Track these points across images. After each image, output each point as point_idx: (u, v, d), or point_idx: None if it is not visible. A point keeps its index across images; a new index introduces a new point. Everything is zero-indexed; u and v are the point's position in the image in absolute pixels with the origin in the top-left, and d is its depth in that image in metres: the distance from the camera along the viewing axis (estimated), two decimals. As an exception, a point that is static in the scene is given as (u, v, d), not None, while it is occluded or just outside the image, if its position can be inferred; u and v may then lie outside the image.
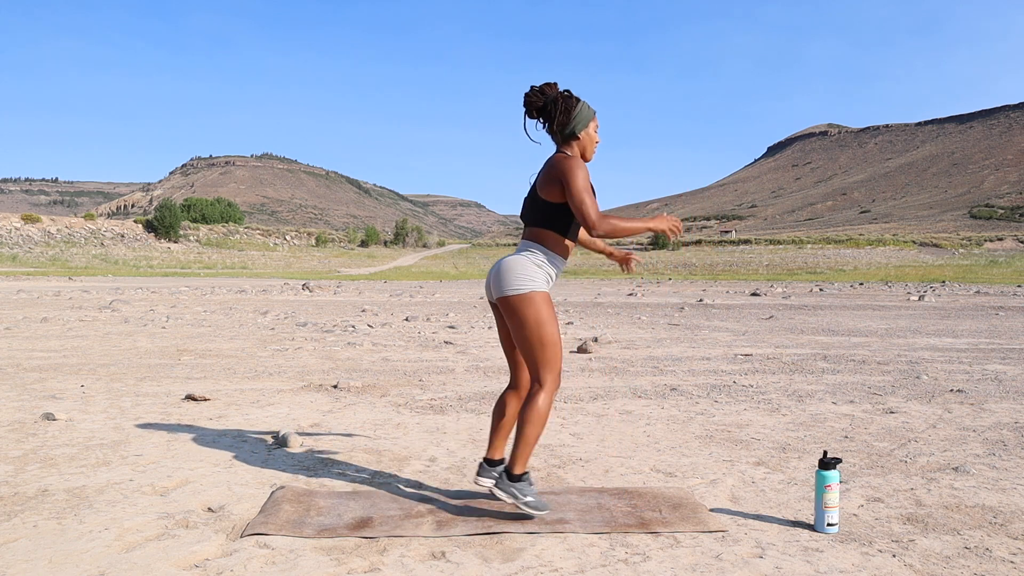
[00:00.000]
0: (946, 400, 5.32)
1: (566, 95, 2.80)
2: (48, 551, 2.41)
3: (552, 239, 2.80)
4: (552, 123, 2.80)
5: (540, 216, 2.80)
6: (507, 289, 2.75)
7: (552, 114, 2.79)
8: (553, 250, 2.81)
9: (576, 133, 2.81)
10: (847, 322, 13.11)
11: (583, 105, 2.81)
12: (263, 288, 27.89)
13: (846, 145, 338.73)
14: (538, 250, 2.80)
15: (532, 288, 2.74)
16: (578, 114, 2.79)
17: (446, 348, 8.53)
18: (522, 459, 2.77)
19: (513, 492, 2.73)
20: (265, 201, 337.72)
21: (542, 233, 2.80)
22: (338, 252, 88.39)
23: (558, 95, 2.79)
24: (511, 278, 2.75)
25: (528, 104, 2.80)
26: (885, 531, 2.67)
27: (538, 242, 2.80)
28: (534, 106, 2.80)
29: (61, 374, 6.21)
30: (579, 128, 2.81)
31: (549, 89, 2.80)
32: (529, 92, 2.80)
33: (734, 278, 58.35)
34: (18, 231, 72.67)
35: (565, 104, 2.78)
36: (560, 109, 2.78)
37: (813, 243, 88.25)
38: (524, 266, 2.76)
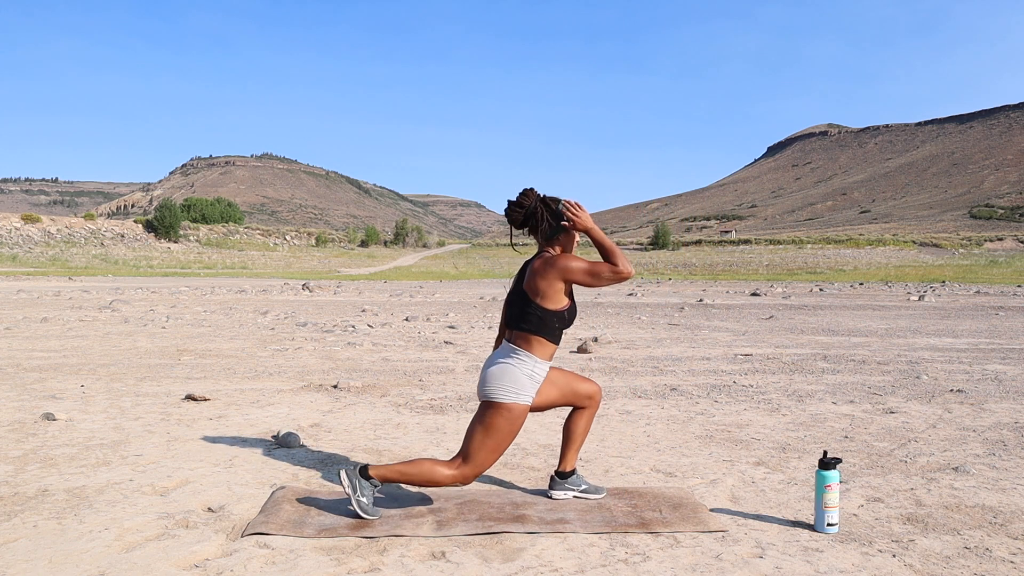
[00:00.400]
0: (946, 400, 5.32)
1: (543, 201, 2.88)
2: (48, 551, 2.41)
3: (541, 344, 2.85)
4: (536, 232, 2.90)
5: (530, 321, 2.83)
6: (491, 394, 2.81)
7: (534, 224, 2.88)
8: (541, 356, 2.86)
9: (557, 235, 2.89)
10: (847, 322, 13.11)
11: (561, 205, 2.87)
12: (263, 288, 27.89)
13: (846, 145, 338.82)
14: (527, 358, 2.83)
15: (515, 400, 2.80)
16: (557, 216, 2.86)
17: (446, 348, 8.53)
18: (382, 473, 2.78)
19: (355, 484, 2.75)
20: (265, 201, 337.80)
21: (530, 339, 2.84)
22: (338, 252, 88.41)
23: (537, 205, 2.87)
24: (499, 385, 2.81)
25: (511, 221, 2.91)
26: (885, 531, 2.67)
27: (527, 349, 2.85)
28: (516, 221, 2.90)
29: (61, 374, 6.21)
30: (561, 229, 2.88)
31: (526, 200, 2.89)
32: (508, 209, 2.91)
33: (734, 278, 58.35)
34: (18, 231, 72.68)
35: (545, 211, 2.87)
36: (540, 219, 2.86)
37: (813, 243, 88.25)
38: (514, 376, 2.81)
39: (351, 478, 2.75)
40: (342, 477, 2.76)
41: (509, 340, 2.89)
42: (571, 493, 3.01)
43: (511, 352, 2.86)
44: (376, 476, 2.78)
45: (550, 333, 2.85)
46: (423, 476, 2.79)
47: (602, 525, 2.69)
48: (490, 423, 2.79)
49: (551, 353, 2.89)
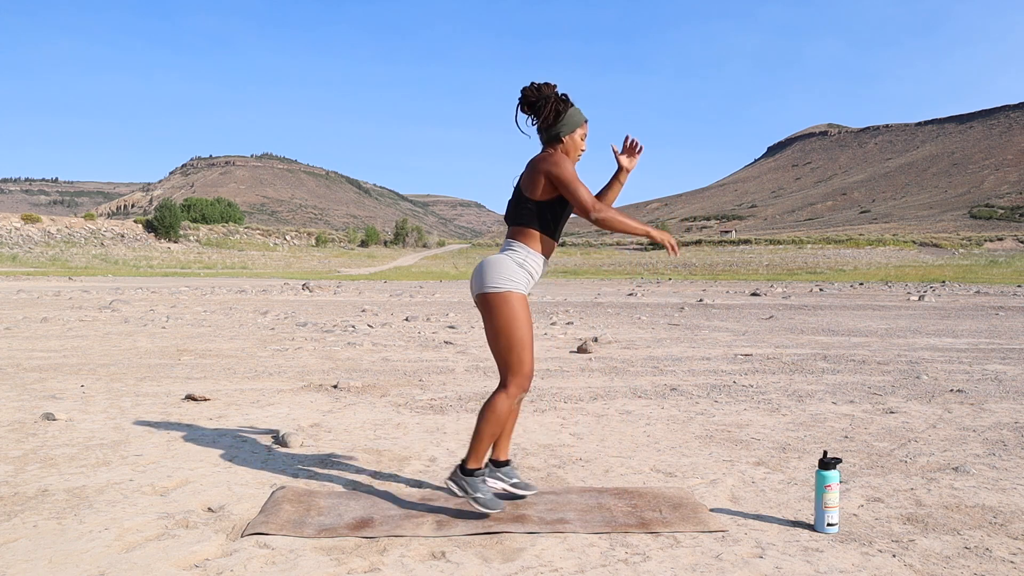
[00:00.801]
0: (946, 400, 5.32)
1: (559, 97, 2.83)
2: (48, 551, 2.41)
3: (535, 237, 2.82)
4: (540, 121, 2.83)
5: (523, 214, 2.81)
6: (485, 286, 2.77)
7: (540, 113, 2.82)
8: (535, 248, 2.82)
9: (561, 136, 2.84)
10: (847, 322, 13.11)
11: (574, 110, 2.84)
12: (263, 288, 27.89)
13: (846, 145, 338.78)
14: (520, 248, 2.81)
15: (509, 288, 2.75)
16: (566, 117, 2.82)
17: (446, 348, 8.53)
18: (475, 455, 2.78)
19: (464, 486, 2.75)
20: (265, 201, 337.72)
21: (525, 231, 2.82)
22: (338, 252, 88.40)
23: (553, 95, 2.82)
24: (490, 276, 2.77)
25: (523, 99, 2.83)
26: (885, 531, 2.67)
27: (521, 240, 2.82)
28: (527, 101, 2.83)
29: (61, 374, 6.21)
30: (564, 131, 2.83)
31: (546, 88, 2.82)
32: (527, 87, 2.84)
33: (734, 278, 58.35)
34: (18, 231, 72.67)
35: (556, 105, 2.81)
36: (549, 108, 2.80)
37: (813, 243, 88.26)
38: (505, 265, 2.78)
39: (457, 481, 2.74)
40: (451, 487, 2.74)
41: (507, 236, 2.88)
42: (501, 485, 2.94)
43: (505, 245, 2.85)
44: (473, 463, 2.75)
45: (543, 225, 2.80)
46: (494, 419, 2.74)
47: (602, 525, 2.69)
48: (498, 321, 2.74)
49: (547, 248, 2.84)
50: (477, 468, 2.78)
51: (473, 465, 2.78)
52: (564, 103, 2.82)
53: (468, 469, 2.78)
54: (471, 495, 2.74)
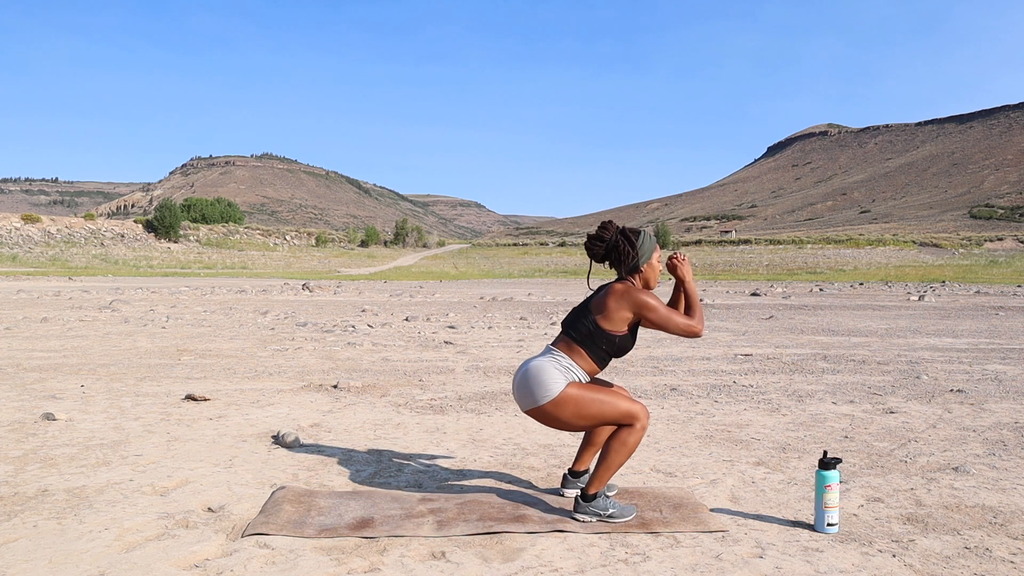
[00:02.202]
0: (946, 400, 5.32)
1: (623, 233, 2.85)
2: (48, 551, 2.41)
3: (585, 360, 2.81)
4: (619, 265, 2.86)
5: (581, 331, 2.80)
6: (539, 400, 2.75)
7: (615, 257, 2.85)
8: (581, 366, 2.81)
9: (640, 266, 2.86)
10: (847, 322, 13.11)
11: (645, 237, 2.86)
12: (263, 288, 27.89)
13: (846, 145, 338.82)
14: (562, 358, 2.80)
15: (560, 388, 2.73)
16: (641, 248, 2.84)
17: (446, 348, 8.53)
18: (599, 482, 2.77)
19: (594, 511, 2.74)
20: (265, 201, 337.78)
21: (574, 347, 2.81)
22: (338, 252, 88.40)
23: (618, 239, 2.84)
24: (540, 388, 2.74)
25: (591, 254, 2.87)
26: (885, 531, 2.67)
27: (565, 352, 2.81)
28: (597, 255, 2.87)
29: (61, 374, 6.21)
30: (643, 262, 2.85)
31: (606, 233, 2.86)
32: (588, 243, 2.87)
33: (734, 278, 58.36)
34: (18, 231, 72.68)
35: (626, 246, 2.83)
36: (622, 252, 2.83)
37: (813, 243, 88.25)
38: (548, 372, 2.76)
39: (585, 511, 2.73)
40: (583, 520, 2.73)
41: (552, 344, 2.87)
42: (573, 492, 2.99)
43: (548, 351, 2.84)
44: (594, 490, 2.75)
45: (595, 351, 2.79)
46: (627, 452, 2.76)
47: (602, 525, 2.69)
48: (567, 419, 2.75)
49: (591, 370, 2.83)
50: (598, 491, 2.77)
51: (594, 491, 2.76)
52: (631, 238, 2.84)
53: (589, 496, 2.76)
54: (605, 514, 2.73)
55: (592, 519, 2.74)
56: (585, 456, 3.05)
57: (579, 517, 2.75)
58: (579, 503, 2.77)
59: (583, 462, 3.05)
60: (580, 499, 2.78)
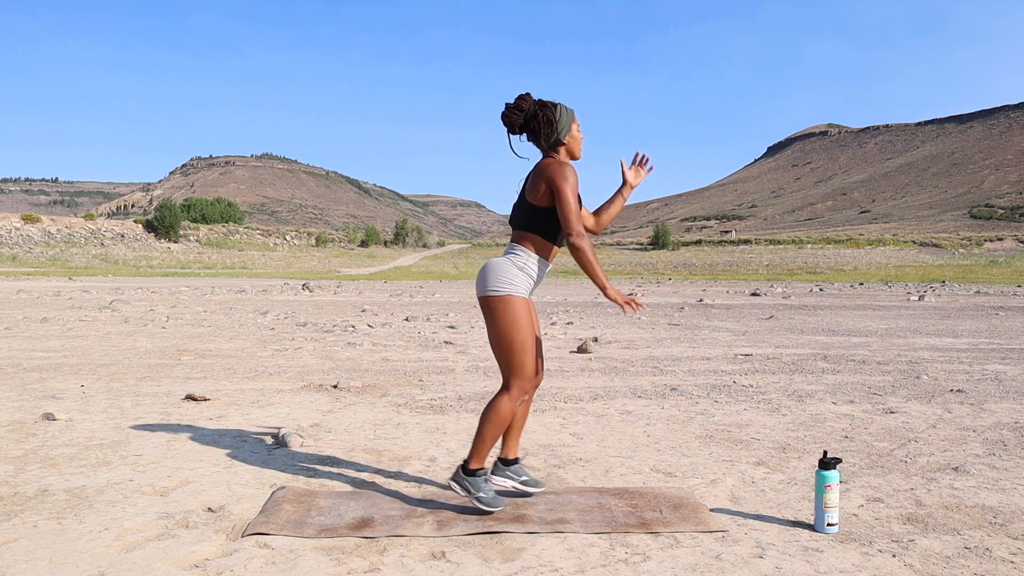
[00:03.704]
0: (946, 400, 5.32)
1: (543, 105, 2.82)
2: (48, 551, 2.41)
3: (537, 242, 2.83)
4: (537, 137, 2.84)
5: (527, 220, 2.83)
6: (487, 289, 2.79)
7: (535, 128, 2.82)
8: (538, 253, 2.83)
9: (561, 139, 2.85)
10: (847, 322, 13.11)
11: (561, 109, 2.83)
12: (263, 288, 27.89)
13: (846, 145, 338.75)
14: (521, 252, 2.82)
15: (510, 291, 2.77)
16: (559, 120, 2.82)
17: (446, 348, 8.53)
18: (477, 455, 2.80)
19: (466, 486, 2.78)
20: (265, 201, 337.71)
21: (527, 236, 2.83)
22: (338, 252, 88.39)
23: (536, 108, 2.81)
24: (492, 279, 2.79)
25: (509, 124, 2.84)
26: (885, 531, 2.67)
27: (522, 244, 2.84)
28: (515, 124, 2.84)
29: (61, 374, 6.21)
30: (563, 134, 2.84)
31: (524, 104, 2.83)
32: (506, 111, 2.83)
33: (734, 278, 58.35)
34: (18, 231, 72.67)
35: (545, 115, 2.80)
36: (542, 122, 2.80)
37: (813, 243, 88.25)
38: (506, 268, 2.80)
39: (459, 481, 2.76)
40: (453, 487, 2.76)
41: (511, 240, 2.90)
42: (510, 482, 2.96)
43: (508, 249, 2.87)
44: (475, 463, 2.77)
45: (545, 231, 2.81)
46: (496, 421, 2.76)
47: (602, 525, 2.69)
48: (499, 324, 2.76)
49: (548, 252, 2.85)
50: (479, 468, 2.80)
51: (475, 465, 2.80)
52: (549, 108, 2.81)
53: (470, 469, 2.80)
54: (474, 495, 2.76)
55: (461, 493, 2.78)
56: (511, 442, 3.01)
57: (451, 485, 2.81)
58: (459, 473, 2.81)
59: (511, 449, 3.01)
60: (462, 469, 2.81)
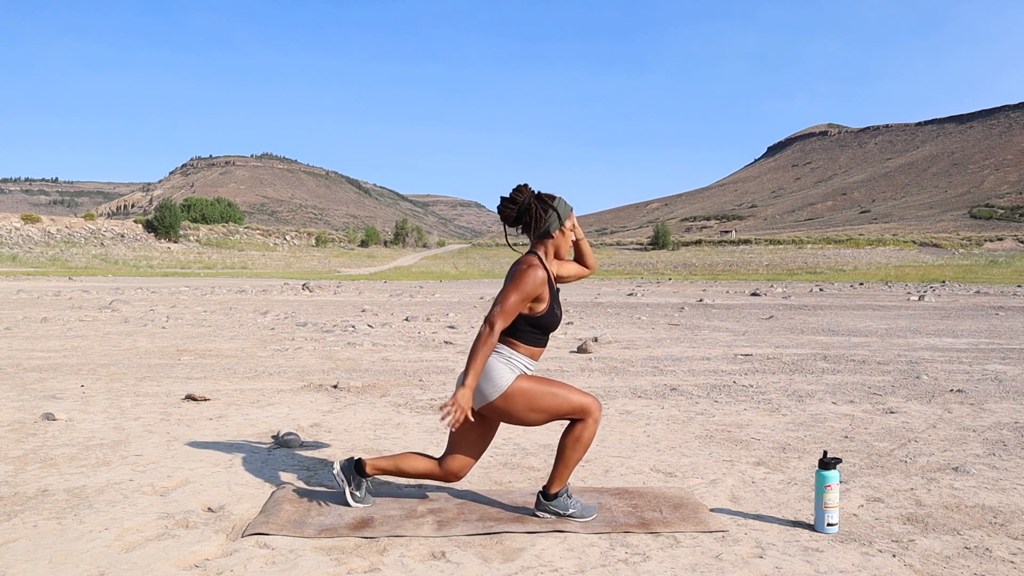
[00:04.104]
0: (946, 400, 5.32)
1: (538, 198, 2.80)
2: (48, 551, 2.41)
3: (520, 348, 2.78)
4: (528, 229, 2.82)
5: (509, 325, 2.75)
6: (488, 397, 2.72)
7: (526, 221, 2.81)
8: (523, 355, 2.78)
9: (551, 233, 2.82)
10: (847, 322, 13.11)
11: (558, 204, 2.81)
12: (263, 288, 27.89)
13: (846, 145, 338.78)
14: (504, 350, 2.76)
15: (508, 382, 2.71)
16: (551, 215, 2.79)
17: (446, 348, 8.53)
18: (559, 480, 2.77)
19: (554, 510, 2.75)
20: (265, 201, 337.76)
21: (511, 342, 2.77)
22: (338, 252, 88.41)
23: (531, 202, 2.79)
24: (488, 387, 2.71)
25: (503, 216, 2.82)
26: (885, 531, 2.67)
27: (508, 346, 2.77)
28: (509, 217, 2.82)
29: (61, 374, 6.21)
30: (553, 228, 2.81)
31: (519, 196, 2.81)
32: (501, 206, 2.83)
33: (734, 278, 58.35)
34: (18, 231, 72.68)
35: (538, 210, 2.79)
36: (534, 216, 2.79)
37: (813, 243, 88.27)
38: (496, 369, 2.71)
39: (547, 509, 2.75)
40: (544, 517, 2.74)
41: None
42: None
43: (495, 352, 2.77)
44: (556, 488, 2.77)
45: (525, 337, 2.76)
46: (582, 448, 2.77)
47: (602, 525, 2.69)
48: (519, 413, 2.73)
49: (532, 354, 2.80)
50: (560, 489, 2.77)
51: (556, 490, 2.76)
52: (545, 203, 2.79)
53: (551, 494, 2.76)
54: (564, 514, 2.74)
55: (552, 517, 2.75)
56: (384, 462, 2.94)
57: (539, 515, 2.78)
58: (540, 501, 2.78)
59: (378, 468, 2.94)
60: (542, 497, 2.78)
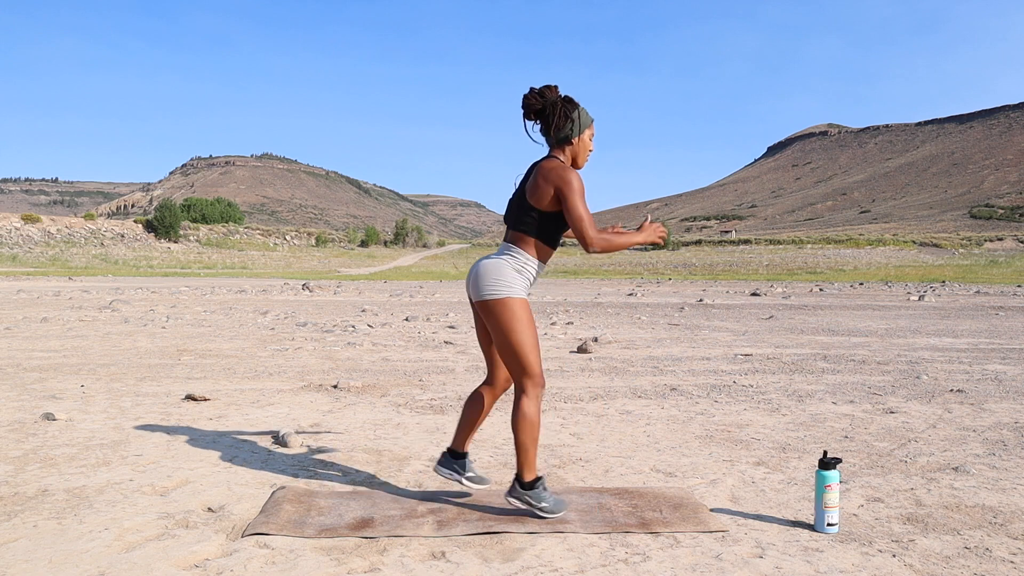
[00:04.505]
0: (946, 400, 5.32)
1: (565, 99, 2.80)
2: (48, 551, 2.41)
3: (535, 246, 2.80)
4: (548, 127, 2.80)
5: (525, 221, 2.78)
6: (485, 292, 2.75)
7: (549, 118, 2.79)
8: (534, 255, 2.80)
9: (570, 138, 2.81)
10: (847, 322, 13.11)
11: (581, 111, 2.81)
12: (263, 288, 27.89)
13: (846, 145, 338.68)
14: (519, 254, 2.79)
15: (509, 294, 2.74)
16: (575, 119, 2.79)
17: (446, 348, 8.53)
18: (527, 466, 2.77)
19: (527, 500, 2.75)
20: (265, 201, 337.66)
21: (525, 239, 2.79)
22: (338, 252, 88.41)
23: (557, 99, 2.78)
24: (489, 281, 2.75)
25: (526, 107, 2.80)
26: (885, 531, 2.67)
27: (520, 246, 2.79)
28: (532, 109, 2.80)
29: (61, 374, 6.21)
30: (574, 133, 2.80)
31: (549, 92, 2.79)
32: (528, 95, 2.80)
33: (734, 278, 58.35)
34: (18, 231, 72.67)
35: (564, 109, 2.78)
36: (558, 113, 2.77)
37: (813, 243, 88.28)
38: (503, 270, 2.76)
39: (519, 497, 2.74)
40: (515, 505, 2.74)
41: (505, 239, 2.86)
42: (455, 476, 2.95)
43: (504, 249, 2.81)
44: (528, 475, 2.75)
45: (545, 235, 2.79)
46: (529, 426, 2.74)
47: (602, 525, 2.69)
48: (503, 327, 2.73)
49: (547, 256, 2.83)
50: (535, 478, 2.77)
51: (529, 477, 2.76)
52: (571, 105, 2.79)
53: (526, 482, 2.76)
54: (536, 506, 2.73)
55: (522, 507, 2.75)
56: (462, 436, 2.99)
57: (511, 501, 2.78)
58: (516, 488, 2.78)
59: (462, 442, 2.99)
60: (518, 484, 2.78)
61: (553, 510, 2.74)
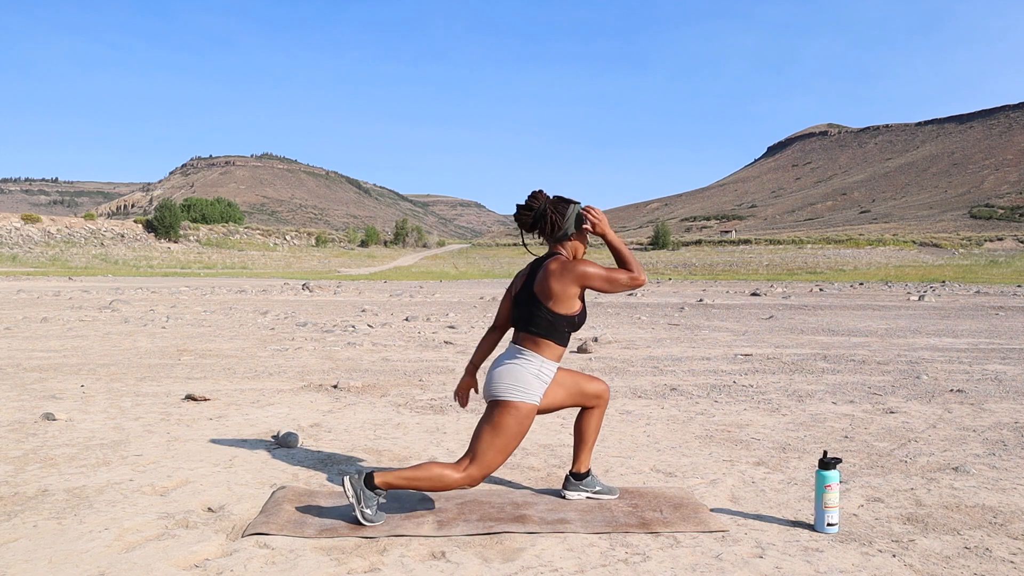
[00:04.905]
0: (946, 400, 5.32)
1: (555, 200, 2.87)
2: (48, 551, 2.41)
3: (549, 349, 2.83)
4: (546, 231, 2.88)
5: (539, 324, 2.81)
6: (498, 392, 2.78)
7: (543, 227, 2.87)
8: (552, 358, 2.85)
9: (568, 235, 2.87)
10: (847, 322, 13.11)
11: (573, 205, 2.87)
12: (263, 288, 27.89)
13: (846, 145, 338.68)
14: (534, 358, 2.81)
15: (523, 399, 2.77)
16: (568, 218, 2.86)
17: (446, 348, 8.53)
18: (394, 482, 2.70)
19: (359, 495, 2.65)
20: (265, 201, 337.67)
21: (539, 342, 2.82)
22: (338, 252, 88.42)
23: (546, 205, 2.86)
24: (506, 383, 2.78)
25: (520, 223, 2.89)
26: (885, 531, 2.67)
27: (534, 350, 2.82)
28: (526, 223, 2.88)
29: (61, 374, 6.21)
30: (570, 229, 2.87)
31: (536, 202, 2.87)
32: (518, 213, 2.89)
33: (734, 278, 58.36)
34: (18, 231, 72.68)
35: (554, 214, 2.85)
36: (549, 220, 2.85)
37: (813, 243, 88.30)
38: (522, 376, 2.79)
39: (355, 488, 2.68)
40: (346, 485, 2.67)
41: (515, 342, 2.87)
42: (584, 494, 3.00)
43: (517, 353, 2.84)
44: (381, 484, 2.70)
45: (559, 336, 2.83)
46: (431, 481, 2.74)
47: (602, 525, 2.69)
48: (498, 423, 2.76)
49: (559, 355, 2.87)
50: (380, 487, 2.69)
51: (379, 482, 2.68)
52: (562, 204, 2.86)
53: (375, 484, 2.68)
54: (361, 506, 2.64)
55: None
56: (583, 456, 3.05)
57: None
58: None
59: (583, 463, 3.05)
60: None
61: (370, 519, 2.65)
